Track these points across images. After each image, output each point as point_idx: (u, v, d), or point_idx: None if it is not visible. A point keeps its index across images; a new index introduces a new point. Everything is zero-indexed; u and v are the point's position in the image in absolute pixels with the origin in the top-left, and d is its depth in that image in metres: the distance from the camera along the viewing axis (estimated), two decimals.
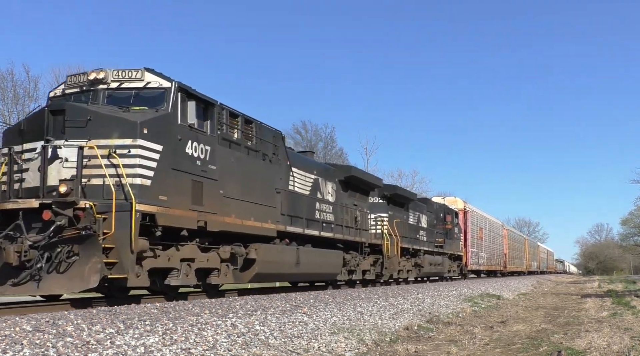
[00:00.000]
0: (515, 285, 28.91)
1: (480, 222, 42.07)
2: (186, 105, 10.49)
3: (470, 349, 8.35)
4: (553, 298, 22.82)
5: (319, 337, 7.76)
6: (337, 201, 17.42)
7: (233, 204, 11.70)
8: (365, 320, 9.76)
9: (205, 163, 10.95)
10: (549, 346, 8.53)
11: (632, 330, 10.05)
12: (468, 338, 9.33)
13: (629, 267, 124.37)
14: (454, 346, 8.41)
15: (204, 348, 6.15)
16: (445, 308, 13.73)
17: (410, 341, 8.98)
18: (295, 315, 8.90)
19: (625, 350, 7.89)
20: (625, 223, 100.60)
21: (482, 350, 8.37)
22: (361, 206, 19.57)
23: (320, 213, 16.06)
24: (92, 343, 5.51)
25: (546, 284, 38.34)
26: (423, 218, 27.18)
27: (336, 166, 20.43)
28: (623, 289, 27.50)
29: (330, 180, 17.29)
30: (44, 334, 5.57)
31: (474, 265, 38.70)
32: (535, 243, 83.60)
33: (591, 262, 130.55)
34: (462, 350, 8.25)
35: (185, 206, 10.34)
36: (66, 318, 6.61)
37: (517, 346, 8.66)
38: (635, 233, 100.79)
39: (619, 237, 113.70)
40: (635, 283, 36.67)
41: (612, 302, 17.12)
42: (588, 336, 9.17)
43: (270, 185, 13.39)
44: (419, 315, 11.78)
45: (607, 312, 14.10)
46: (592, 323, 11.71)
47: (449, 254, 30.98)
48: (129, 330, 6.18)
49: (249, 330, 7.28)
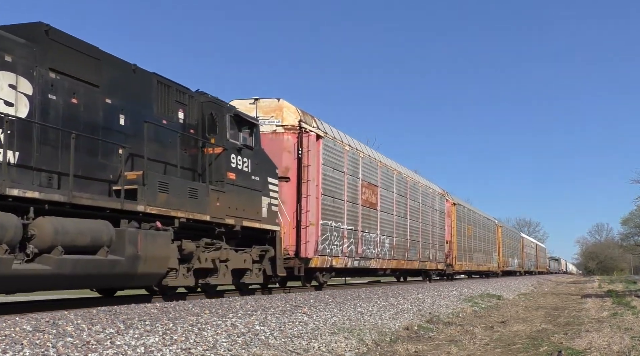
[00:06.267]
0: (515, 285, 28.91)
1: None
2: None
3: (470, 349, 8.34)
4: (553, 298, 22.82)
5: (319, 337, 7.76)
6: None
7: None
8: (365, 320, 9.76)
9: None
10: (549, 346, 8.53)
11: (633, 330, 10.05)
12: (468, 338, 9.32)
13: (629, 267, 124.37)
14: (454, 346, 8.41)
15: (204, 348, 6.15)
16: (446, 308, 13.73)
17: (411, 341, 8.98)
18: (295, 314, 8.91)
19: (626, 350, 7.88)
20: (625, 223, 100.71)
21: (482, 350, 8.37)
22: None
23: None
24: (92, 343, 5.51)
25: (546, 284, 38.34)
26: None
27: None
28: (623, 289, 27.49)
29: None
30: (44, 334, 5.57)
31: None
32: (515, 234, 60.62)
33: (591, 262, 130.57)
34: (462, 350, 8.25)
35: None
36: (66, 318, 6.61)
37: (517, 346, 8.66)
38: (635, 232, 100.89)
39: (619, 237, 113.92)
40: (636, 283, 36.67)
41: (613, 302, 17.11)
42: (588, 336, 9.16)
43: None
44: (419, 315, 11.78)
45: (608, 312, 14.10)
46: (593, 323, 11.70)
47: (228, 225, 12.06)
48: (129, 330, 6.18)
49: (249, 329, 7.28)
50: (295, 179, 16.02)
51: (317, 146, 16.69)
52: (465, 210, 36.14)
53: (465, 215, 35.40)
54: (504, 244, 48.47)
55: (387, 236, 22.07)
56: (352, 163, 19.20)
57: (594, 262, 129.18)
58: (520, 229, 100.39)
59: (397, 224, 23.29)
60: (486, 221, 42.69)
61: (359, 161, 19.77)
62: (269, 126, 16.01)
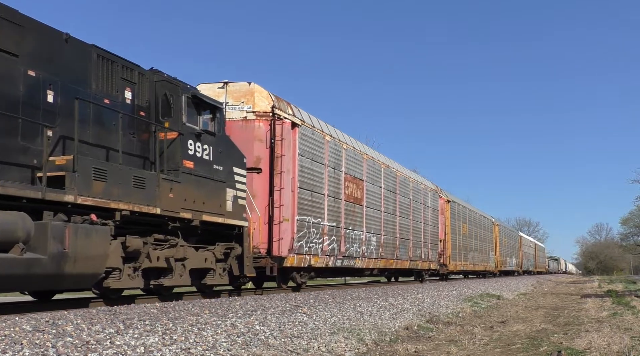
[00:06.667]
0: (515, 285, 28.90)
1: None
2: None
3: (470, 349, 8.35)
4: (553, 297, 22.82)
5: (318, 337, 7.75)
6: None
7: None
8: (365, 320, 9.76)
9: None
10: (549, 346, 8.53)
11: (632, 330, 10.05)
12: (468, 338, 9.33)
13: (629, 267, 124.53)
14: (454, 346, 8.41)
15: (203, 348, 6.14)
16: (445, 308, 13.73)
17: (410, 341, 8.98)
18: (295, 314, 8.91)
19: (626, 350, 7.88)
20: (625, 223, 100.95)
21: (482, 349, 8.37)
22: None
23: None
24: (92, 343, 5.51)
25: (546, 284, 38.34)
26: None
27: None
28: (623, 289, 27.48)
29: None
30: (44, 334, 5.57)
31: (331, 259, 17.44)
32: (513, 233, 59.43)
33: (591, 262, 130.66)
34: (462, 349, 8.25)
35: None
36: (66, 318, 6.61)
37: (517, 346, 8.66)
38: (635, 232, 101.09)
39: (619, 237, 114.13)
40: (635, 283, 36.67)
41: (612, 302, 17.11)
42: (588, 336, 9.16)
43: None
44: (419, 315, 11.78)
45: (607, 312, 14.10)
46: (592, 323, 11.71)
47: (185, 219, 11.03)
48: (129, 330, 6.18)
49: (249, 329, 7.28)
50: (268, 170, 14.60)
51: (293, 134, 15.33)
52: (460, 207, 34.75)
53: (460, 213, 34.14)
54: (501, 244, 47.11)
55: (374, 233, 20.88)
56: (334, 155, 17.86)
57: (594, 262, 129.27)
58: (520, 229, 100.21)
59: (386, 221, 22.07)
60: (483, 219, 41.11)
61: (341, 152, 18.45)
62: (239, 113, 14.66)
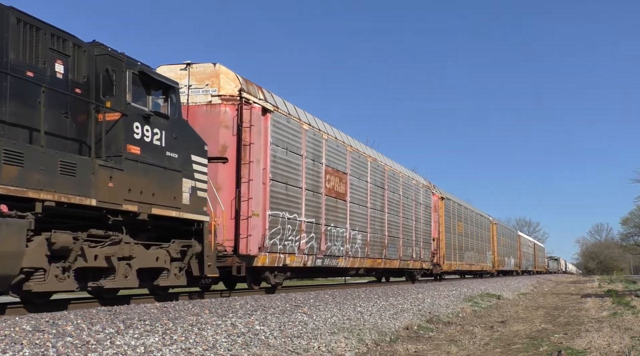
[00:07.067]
0: (515, 285, 28.90)
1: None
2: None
3: (470, 349, 8.35)
4: (553, 297, 22.82)
5: (319, 337, 7.75)
6: None
7: None
8: (365, 320, 9.76)
9: None
10: (549, 346, 8.53)
11: (632, 330, 10.05)
12: (468, 338, 9.33)
13: (629, 267, 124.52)
14: (454, 346, 8.41)
15: (203, 348, 6.14)
16: (445, 308, 13.73)
17: (410, 341, 8.98)
18: (295, 314, 8.91)
19: (626, 349, 7.88)
20: (625, 223, 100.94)
21: (482, 349, 8.37)
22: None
23: None
24: (92, 343, 5.51)
25: (546, 284, 38.34)
26: None
27: None
28: (623, 289, 27.48)
29: None
30: (44, 334, 5.57)
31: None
32: (512, 232, 57.14)
33: (591, 262, 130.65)
34: (462, 349, 8.25)
35: None
36: (66, 318, 6.61)
37: (517, 346, 8.66)
38: (635, 232, 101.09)
39: (619, 237, 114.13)
40: (636, 283, 36.66)
41: (612, 302, 17.11)
42: (588, 336, 9.16)
43: None
44: (419, 315, 11.78)
45: (607, 312, 14.10)
46: (592, 322, 11.71)
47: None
48: (129, 330, 6.18)
49: (249, 329, 7.28)
50: (235, 160, 13.19)
51: (265, 121, 13.91)
52: (455, 205, 33.06)
53: (455, 210, 32.58)
54: (499, 243, 45.44)
55: (360, 231, 19.38)
56: (312, 145, 16.43)
57: (594, 262, 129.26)
58: (520, 228, 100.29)
59: (373, 218, 20.60)
60: (479, 218, 39.39)
61: (321, 143, 17.00)
62: (203, 96, 13.29)
